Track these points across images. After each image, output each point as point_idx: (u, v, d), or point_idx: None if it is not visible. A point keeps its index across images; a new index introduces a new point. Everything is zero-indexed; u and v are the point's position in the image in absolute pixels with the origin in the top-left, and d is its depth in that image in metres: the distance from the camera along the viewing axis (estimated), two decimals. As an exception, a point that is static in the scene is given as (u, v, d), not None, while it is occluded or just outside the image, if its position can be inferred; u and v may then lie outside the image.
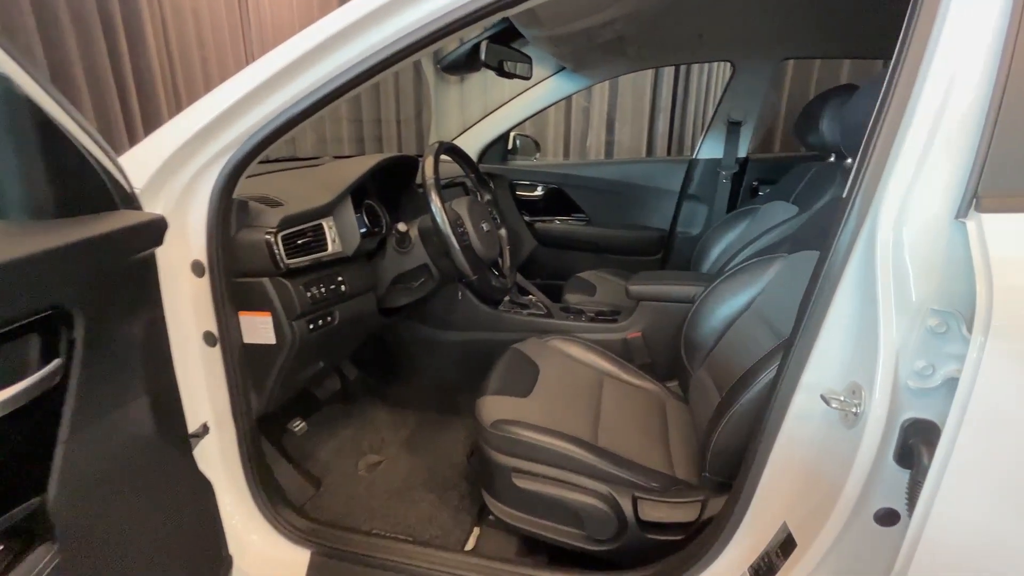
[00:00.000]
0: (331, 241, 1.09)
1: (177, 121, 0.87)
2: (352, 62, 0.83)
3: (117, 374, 0.65)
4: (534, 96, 2.25)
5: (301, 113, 0.86)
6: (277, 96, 0.86)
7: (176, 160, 0.88)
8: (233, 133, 0.88)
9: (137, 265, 0.69)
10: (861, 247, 0.68)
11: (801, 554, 0.73)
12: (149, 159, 0.85)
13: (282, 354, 1.03)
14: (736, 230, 2.01)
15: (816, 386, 0.73)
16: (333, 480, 1.44)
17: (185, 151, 0.88)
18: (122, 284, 0.66)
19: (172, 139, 0.86)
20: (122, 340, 0.67)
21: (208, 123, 0.86)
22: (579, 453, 1.07)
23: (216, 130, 0.88)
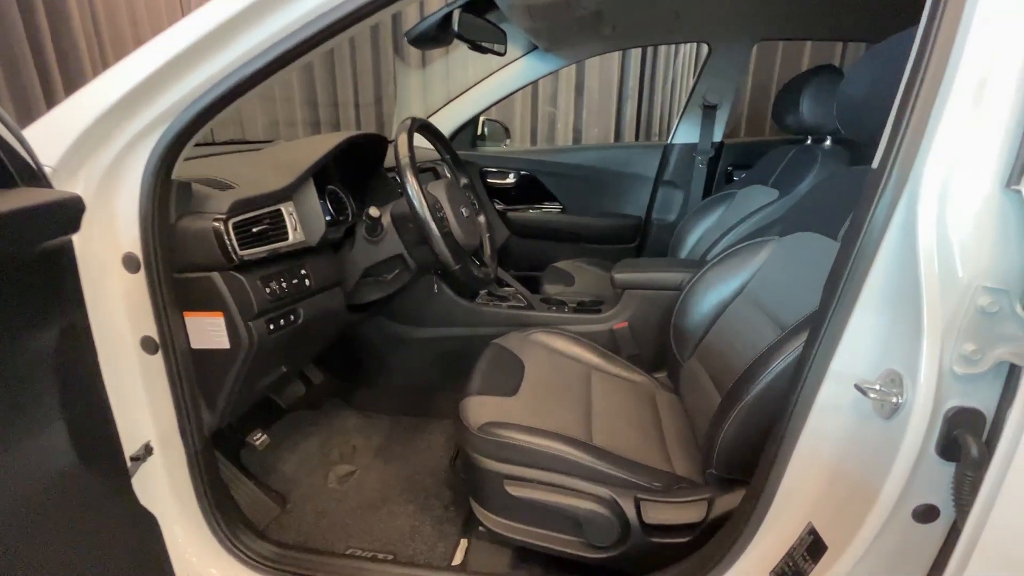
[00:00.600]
0: (292, 229, 0.96)
1: (97, 85, 0.72)
2: (311, 15, 0.70)
3: (22, 397, 0.51)
4: (504, 78, 2.14)
5: (251, 77, 0.73)
6: (221, 56, 0.72)
7: (97, 132, 0.73)
8: (168, 100, 0.74)
9: (45, 258, 0.55)
10: (898, 222, 0.61)
11: (834, 558, 0.67)
12: (62, 131, 0.70)
13: (238, 360, 0.89)
14: (713, 216, 1.97)
15: (845, 375, 0.67)
16: (300, 496, 1.30)
17: (108, 121, 0.73)
18: (23, 282, 0.52)
19: (91, 107, 0.71)
20: (28, 353, 0.53)
21: (135, 87, 0.72)
22: (576, 455, 0.99)
23: (146, 96, 0.73)
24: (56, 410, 0.55)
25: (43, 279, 0.56)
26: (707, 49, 2.00)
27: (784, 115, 1.72)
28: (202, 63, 0.71)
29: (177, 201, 0.83)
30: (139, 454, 0.86)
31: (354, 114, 2.95)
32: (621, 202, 2.35)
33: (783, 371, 0.83)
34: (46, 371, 0.54)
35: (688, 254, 1.98)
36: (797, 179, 1.61)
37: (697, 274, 1.35)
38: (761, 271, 1.23)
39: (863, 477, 0.66)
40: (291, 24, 0.70)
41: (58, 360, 0.57)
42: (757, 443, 0.87)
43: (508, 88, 2.15)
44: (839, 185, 1.12)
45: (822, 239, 1.06)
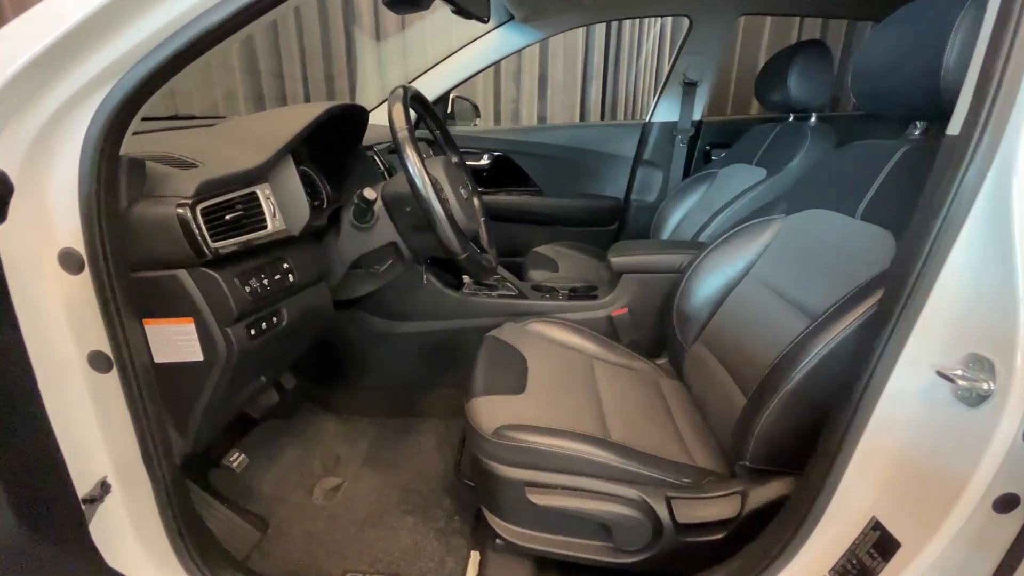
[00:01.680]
0: (270, 216, 0.81)
1: (16, 26, 0.55)
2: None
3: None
4: (476, 52, 2.00)
5: (224, 23, 0.58)
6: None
7: (18, 92, 0.56)
8: (114, 52, 0.58)
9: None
10: (987, 193, 0.56)
11: (911, 554, 0.63)
12: None
13: (213, 373, 0.74)
14: (695, 196, 1.94)
15: (918, 361, 0.62)
16: (283, 517, 1.16)
17: (32, 77, 0.56)
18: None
19: (8, 56, 0.54)
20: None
21: (70, 32, 0.55)
22: (602, 455, 0.91)
23: (86, 45, 0.57)
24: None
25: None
26: (688, 23, 1.94)
27: (768, 92, 1.69)
28: (161, 2, 0.56)
29: (128, 182, 0.66)
30: (94, 495, 0.71)
31: (303, 88, 2.70)
32: (599, 183, 2.28)
33: (827, 357, 0.78)
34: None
35: (671, 235, 1.95)
36: (786, 157, 1.58)
37: (700, 256, 1.30)
38: (768, 251, 1.19)
39: (941, 468, 0.61)
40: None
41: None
42: (799, 433, 0.83)
43: (481, 62, 2.01)
44: (851, 160, 1.08)
45: (837, 216, 1.02)
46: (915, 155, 0.91)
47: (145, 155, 0.71)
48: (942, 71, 0.78)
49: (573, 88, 3.40)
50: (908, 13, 0.91)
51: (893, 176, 0.93)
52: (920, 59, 0.83)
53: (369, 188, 0.93)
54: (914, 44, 0.86)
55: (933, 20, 0.83)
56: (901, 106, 0.93)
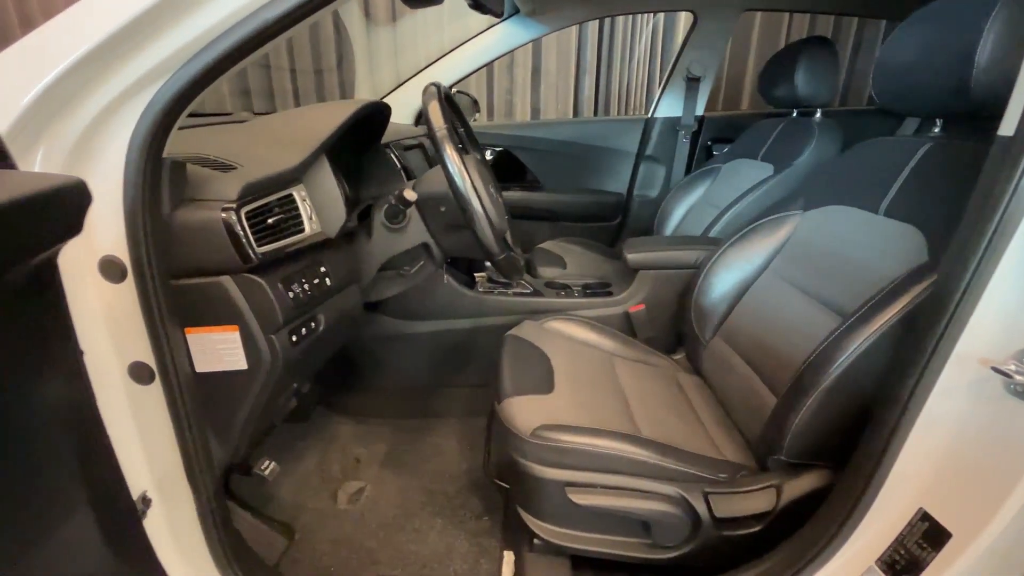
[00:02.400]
0: (307, 219, 0.78)
1: (65, 22, 0.52)
2: None
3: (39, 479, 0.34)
4: (480, 46, 1.97)
5: (277, 21, 0.56)
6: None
7: (62, 92, 0.53)
8: (167, 48, 0.55)
9: (35, 274, 0.37)
10: None
11: (962, 546, 0.65)
12: (14, 86, 0.50)
13: (257, 382, 0.72)
14: (698, 191, 1.96)
15: (970, 355, 0.64)
16: (308, 523, 1.14)
17: (77, 77, 0.53)
18: (16, 307, 0.35)
19: (57, 53, 0.51)
20: (25, 416, 0.36)
21: (117, 32, 0.52)
22: (641, 453, 0.92)
23: (138, 41, 0.54)
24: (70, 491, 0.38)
25: (31, 305, 0.38)
26: (692, 18, 1.95)
27: (773, 87, 1.71)
28: None
29: (171, 186, 0.64)
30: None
31: (313, 81, 2.64)
32: (601, 178, 2.29)
33: (866, 353, 0.80)
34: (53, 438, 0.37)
35: (675, 230, 1.96)
36: (793, 153, 1.60)
37: (717, 252, 1.31)
38: (787, 247, 1.21)
39: (993, 459, 0.63)
40: None
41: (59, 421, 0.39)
42: (836, 428, 0.85)
43: (485, 57, 1.99)
44: (869, 157, 1.10)
45: (858, 212, 1.04)
46: (939, 152, 0.93)
47: (184, 156, 0.68)
48: (973, 70, 0.79)
49: (567, 82, 3.39)
50: (934, 11, 0.92)
51: (916, 174, 0.95)
52: (948, 58, 0.84)
53: (408, 189, 0.91)
54: (942, 43, 0.87)
55: (962, 19, 0.84)
56: (925, 104, 0.95)
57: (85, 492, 0.39)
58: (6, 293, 0.32)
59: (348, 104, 0.96)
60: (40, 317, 0.38)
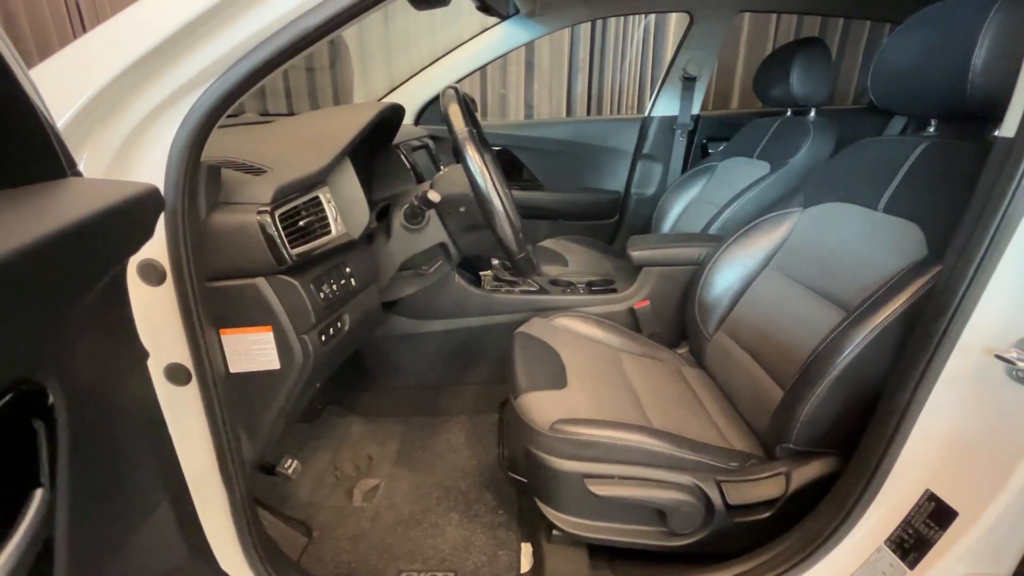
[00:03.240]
0: (333, 220, 0.80)
1: (104, 35, 0.53)
2: None
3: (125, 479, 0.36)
4: (480, 47, 1.99)
5: (318, 28, 0.57)
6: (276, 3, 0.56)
7: (108, 98, 0.54)
8: (206, 59, 0.56)
9: (114, 279, 0.39)
10: None
11: (968, 523, 0.69)
12: (64, 91, 0.51)
13: (289, 381, 0.74)
14: (695, 189, 2.00)
15: (973, 345, 0.68)
16: (325, 521, 1.15)
17: (124, 83, 0.54)
18: (99, 315, 0.36)
19: (102, 63, 0.52)
20: (111, 419, 0.37)
21: (164, 40, 0.53)
22: (657, 444, 0.95)
23: (177, 52, 0.55)
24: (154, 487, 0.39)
25: (111, 308, 0.39)
26: (688, 19, 1.98)
27: (768, 87, 1.75)
28: (258, 6, 0.54)
29: (207, 190, 0.65)
30: (172, 508, 0.69)
31: (305, 80, 2.63)
32: (599, 177, 2.32)
33: (871, 344, 0.83)
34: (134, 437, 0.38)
35: (672, 227, 2.00)
36: (789, 151, 1.65)
37: (720, 248, 1.35)
38: (788, 243, 1.25)
39: (995, 441, 0.67)
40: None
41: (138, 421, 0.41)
42: (843, 416, 0.88)
43: (484, 58, 2.01)
44: (867, 156, 1.15)
45: (857, 209, 1.08)
46: (936, 151, 0.97)
47: (217, 160, 0.69)
48: (970, 73, 0.83)
49: (560, 81, 3.42)
50: (932, 15, 0.96)
51: (914, 172, 0.99)
52: (945, 61, 0.88)
53: (432, 191, 0.92)
54: (939, 46, 0.91)
55: (959, 22, 0.88)
56: (922, 105, 0.99)
57: (159, 490, 0.41)
58: (93, 300, 0.34)
59: (368, 107, 0.97)
60: (115, 320, 0.40)
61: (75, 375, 0.30)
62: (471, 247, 1.04)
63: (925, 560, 0.73)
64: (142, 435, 0.40)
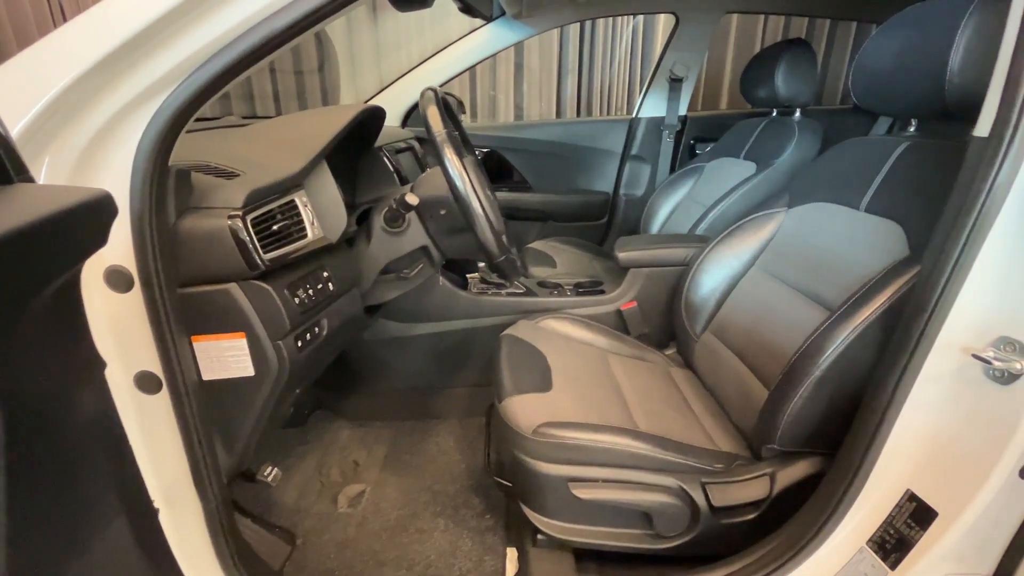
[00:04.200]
0: (309, 224, 0.79)
1: (68, 35, 0.52)
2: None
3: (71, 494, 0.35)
4: (466, 48, 1.98)
5: (286, 29, 0.56)
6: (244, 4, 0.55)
7: (70, 100, 0.53)
8: (172, 59, 0.55)
9: (63, 288, 0.38)
10: (1017, 191, 0.61)
11: (948, 523, 0.68)
12: (22, 96, 0.50)
13: (264, 388, 0.73)
14: (683, 189, 2.00)
15: (952, 344, 0.68)
16: (311, 528, 1.14)
17: (86, 86, 0.53)
18: (45, 324, 0.35)
19: (61, 66, 0.51)
20: (61, 429, 0.36)
21: (128, 41, 0.52)
22: (640, 447, 0.94)
23: (143, 53, 0.54)
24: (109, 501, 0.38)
25: (60, 318, 0.38)
26: (675, 20, 1.99)
27: (755, 88, 1.75)
28: (227, 6, 0.53)
29: (177, 195, 0.64)
30: (146, 518, 0.68)
31: (270, 84, 2.61)
32: (588, 178, 2.32)
33: (854, 344, 0.83)
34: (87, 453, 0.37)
35: (661, 228, 2.00)
36: (774, 152, 1.65)
37: (706, 248, 1.35)
38: (773, 243, 1.25)
39: (973, 441, 0.67)
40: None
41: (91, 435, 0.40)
42: (827, 416, 0.88)
43: (471, 59, 2.00)
44: (850, 156, 1.15)
45: (840, 209, 1.08)
46: (916, 151, 0.98)
47: (188, 164, 0.68)
48: (947, 74, 0.83)
49: (550, 82, 3.42)
50: (911, 16, 0.96)
51: (895, 171, 0.99)
52: (924, 61, 0.89)
53: (410, 194, 0.92)
54: (917, 46, 0.91)
55: (937, 23, 0.88)
56: (902, 105, 0.99)
57: (116, 500, 0.40)
58: (38, 310, 0.33)
59: (347, 109, 0.96)
60: (66, 331, 0.39)
61: (15, 387, 0.29)
62: (453, 250, 1.03)
63: (906, 560, 0.72)
64: (95, 448, 0.39)
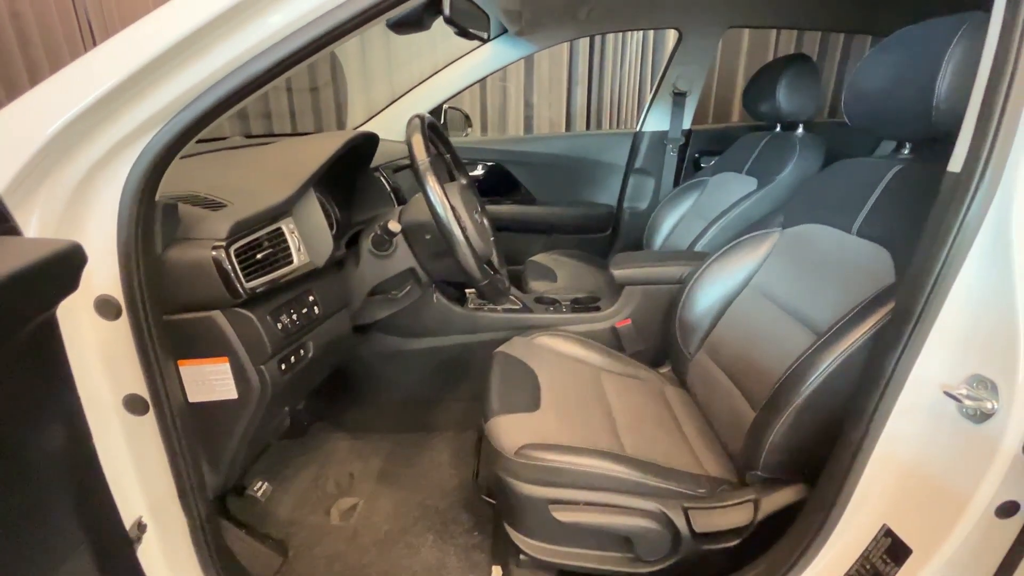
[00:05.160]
0: (296, 250, 0.82)
1: (60, 82, 0.56)
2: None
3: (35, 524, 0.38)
4: (470, 65, 2.01)
5: (267, 72, 0.59)
6: (231, 45, 0.58)
7: (59, 145, 0.57)
8: (156, 104, 0.58)
9: (36, 329, 0.40)
10: (989, 226, 0.61)
11: (923, 560, 0.67)
12: (13, 142, 0.54)
13: (247, 410, 0.76)
14: (686, 203, 1.99)
15: (925, 379, 0.67)
16: (303, 540, 1.17)
17: (74, 132, 0.57)
18: (15, 365, 0.38)
19: (51, 112, 0.55)
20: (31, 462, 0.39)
21: (115, 87, 0.56)
22: (621, 471, 0.95)
23: (127, 99, 0.58)
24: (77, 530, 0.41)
25: (31, 360, 0.41)
26: (677, 36, 1.99)
27: (757, 103, 1.75)
28: (206, 53, 0.56)
29: (164, 227, 0.67)
30: (132, 535, 0.71)
31: (287, 101, 2.68)
32: (592, 191, 2.33)
33: (836, 372, 0.83)
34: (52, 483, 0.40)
35: (664, 242, 2.00)
36: (776, 168, 1.64)
37: (701, 267, 1.35)
38: (767, 263, 1.24)
39: (949, 478, 0.66)
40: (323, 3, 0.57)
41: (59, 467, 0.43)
42: (810, 444, 0.87)
43: (475, 75, 2.03)
44: (844, 177, 1.14)
45: (832, 232, 1.07)
46: (906, 175, 0.97)
47: (176, 196, 0.72)
48: (934, 99, 0.82)
49: (560, 93, 3.43)
50: (903, 38, 0.95)
51: (886, 195, 0.98)
52: (913, 85, 0.88)
53: (393, 221, 0.94)
54: (908, 70, 0.90)
55: (927, 47, 0.87)
56: (893, 128, 0.98)
57: (85, 530, 0.42)
58: (11, 351, 0.35)
59: (336, 137, 0.99)
60: (42, 367, 0.42)
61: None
62: (440, 272, 1.05)
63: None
64: (67, 476, 0.42)
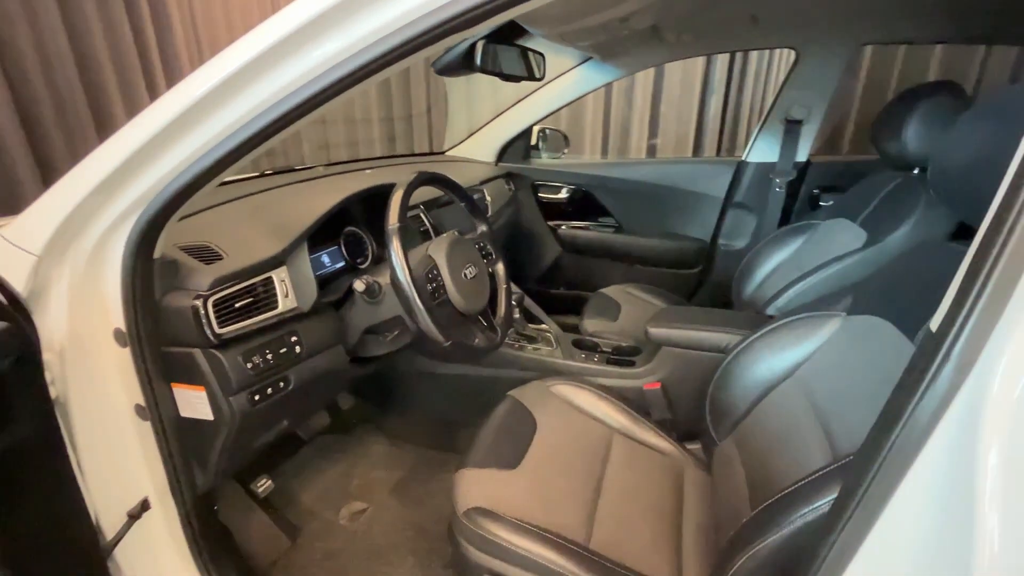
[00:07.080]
0: (282, 296, 0.94)
1: (78, 172, 0.74)
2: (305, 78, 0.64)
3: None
4: (558, 89, 1.99)
5: (235, 150, 0.69)
6: (200, 132, 0.69)
7: (78, 218, 0.75)
8: (145, 182, 0.73)
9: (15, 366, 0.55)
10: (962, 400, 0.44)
11: None
12: (47, 218, 0.74)
13: (222, 431, 0.90)
14: (790, 248, 1.71)
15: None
16: (312, 531, 1.33)
17: (87, 207, 0.74)
18: None
19: (72, 194, 0.73)
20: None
21: (110, 174, 0.71)
22: (564, 566, 0.89)
23: (121, 182, 0.73)
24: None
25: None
26: (794, 56, 1.70)
27: (883, 139, 1.42)
28: (179, 141, 0.69)
29: (163, 277, 0.83)
30: (136, 511, 0.91)
31: (406, 127, 2.92)
32: (685, 223, 2.13)
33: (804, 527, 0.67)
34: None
35: (755, 288, 1.75)
36: (892, 224, 1.32)
37: (746, 341, 1.16)
38: (819, 353, 1.03)
39: None
40: (278, 91, 0.64)
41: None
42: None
43: (564, 99, 2.00)
44: (928, 262, 0.89)
45: (896, 335, 0.85)
46: None
47: (187, 245, 0.89)
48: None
49: (688, 115, 3.14)
50: (1002, 99, 0.72)
51: None
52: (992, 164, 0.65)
53: (358, 280, 1.02)
54: (993, 144, 0.68)
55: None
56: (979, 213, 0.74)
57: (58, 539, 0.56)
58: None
59: (342, 188, 1.11)
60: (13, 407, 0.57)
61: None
62: None
63: None
64: (42, 502, 0.57)
